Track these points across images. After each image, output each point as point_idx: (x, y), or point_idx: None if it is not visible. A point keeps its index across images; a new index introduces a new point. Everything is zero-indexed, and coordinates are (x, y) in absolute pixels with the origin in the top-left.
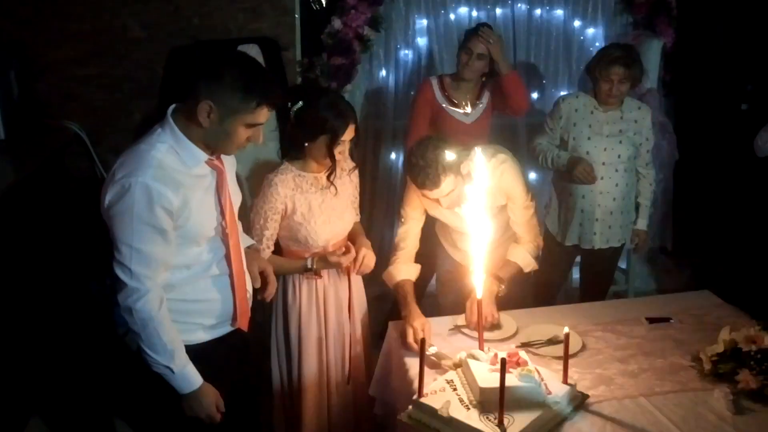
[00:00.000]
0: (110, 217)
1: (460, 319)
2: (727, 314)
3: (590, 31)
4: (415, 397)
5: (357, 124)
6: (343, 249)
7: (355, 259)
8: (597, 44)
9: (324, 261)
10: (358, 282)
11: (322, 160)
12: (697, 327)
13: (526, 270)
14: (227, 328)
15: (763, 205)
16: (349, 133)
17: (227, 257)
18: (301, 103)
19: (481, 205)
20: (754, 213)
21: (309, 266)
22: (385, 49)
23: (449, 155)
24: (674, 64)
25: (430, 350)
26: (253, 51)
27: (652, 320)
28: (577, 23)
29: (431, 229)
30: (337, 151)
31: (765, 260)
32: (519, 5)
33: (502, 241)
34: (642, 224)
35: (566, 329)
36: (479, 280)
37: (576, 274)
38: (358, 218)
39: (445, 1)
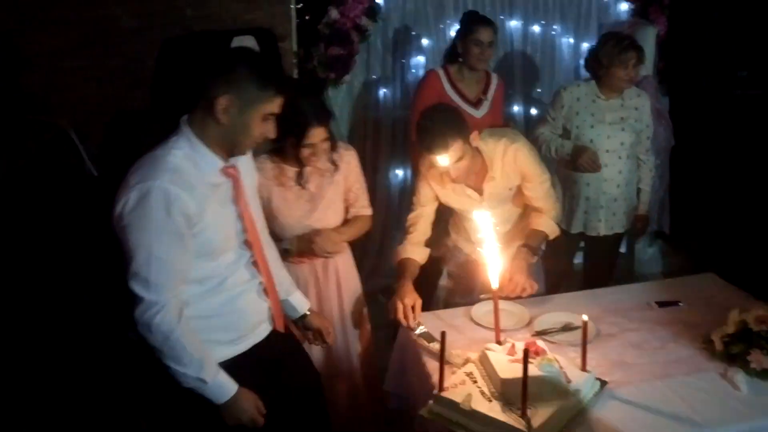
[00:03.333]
0: (125, 225)
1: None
2: (732, 296)
3: (584, 45)
4: (435, 391)
5: (327, 126)
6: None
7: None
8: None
9: (303, 242)
10: (347, 272)
11: (295, 159)
12: (705, 309)
13: (551, 237)
14: (250, 342)
15: (757, 189)
16: (315, 137)
17: (255, 263)
18: None
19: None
20: (748, 196)
21: (286, 247)
22: (383, 39)
23: (458, 119)
24: (668, 51)
25: (419, 330)
26: (249, 42)
27: (661, 304)
28: (571, 39)
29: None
30: (306, 152)
31: (762, 241)
32: (515, 21)
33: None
34: (643, 209)
35: (585, 317)
36: (495, 274)
37: (578, 259)
38: (366, 212)
39: (443, 20)
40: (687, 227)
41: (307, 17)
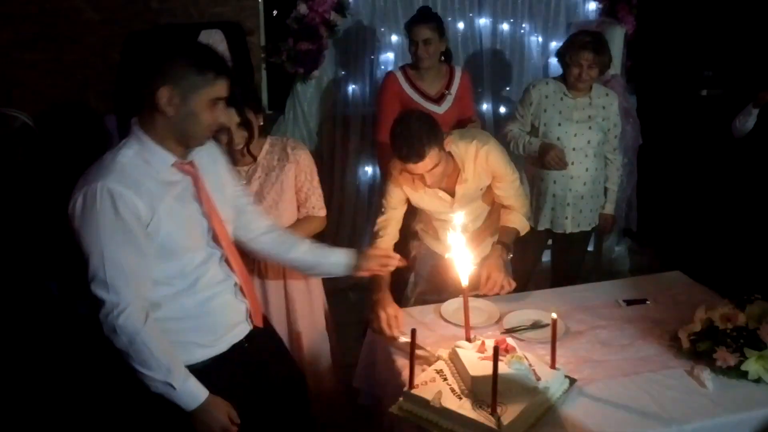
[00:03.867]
0: (77, 228)
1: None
2: (698, 293)
3: (553, 43)
4: (405, 388)
5: (242, 111)
6: None
7: None
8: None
9: None
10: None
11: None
12: (672, 307)
13: (523, 233)
14: (228, 343)
15: (723, 188)
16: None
17: (227, 261)
18: None
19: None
20: (714, 195)
21: None
22: (352, 34)
23: (434, 125)
24: (636, 50)
25: (402, 339)
26: (217, 36)
27: (629, 302)
28: (540, 38)
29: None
30: (223, 139)
31: (727, 240)
32: (483, 19)
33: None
34: (610, 208)
35: (554, 315)
36: (465, 272)
37: (545, 257)
38: (318, 213)
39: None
40: (654, 225)
41: (275, 13)
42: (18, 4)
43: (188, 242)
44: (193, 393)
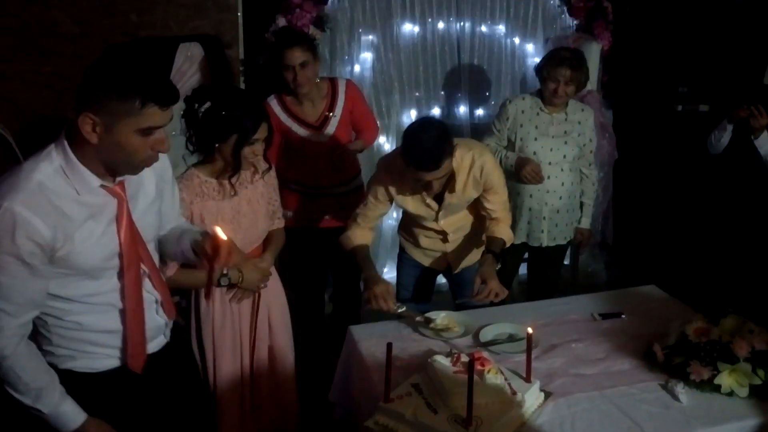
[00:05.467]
0: None
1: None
2: (673, 308)
3: (530, 46)
4: (381, 402)
5: (269, 123)
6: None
7: None
8: (535, 59)
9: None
10: (275, 286)
11: (233, 162)
12: (647, 321)
13: (508, 244)
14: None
15: (698, 202)
16: (261, 132)
17: (122, 291)
18: (209, 103)
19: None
20: (690, 209)
21: (225, 281)
22: (331, 48)
23: (449, 135)
24: (612, 66)
25: (399, 310)
26: (195, 50)
27: (605, 316)
28: (517, 40)
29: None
30: (251, 150)
31: (702, 254)
32: (462, 23)
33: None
34: (586, 223)
35: (529, 329)
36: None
37: (522, 270)
38: (281, 224)
39: (390, 23)
40: (630, 239)
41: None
42: None
43: (106, 263)
44: (68, 416)
